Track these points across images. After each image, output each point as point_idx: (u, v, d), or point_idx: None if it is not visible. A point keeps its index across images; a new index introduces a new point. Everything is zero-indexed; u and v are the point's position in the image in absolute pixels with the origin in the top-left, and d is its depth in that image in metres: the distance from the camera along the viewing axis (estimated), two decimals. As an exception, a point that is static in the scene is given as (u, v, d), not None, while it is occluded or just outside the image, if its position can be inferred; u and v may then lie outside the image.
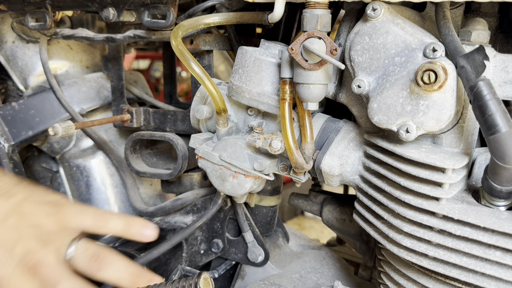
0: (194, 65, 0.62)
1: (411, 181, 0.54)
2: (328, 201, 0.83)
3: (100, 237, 0.83)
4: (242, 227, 0.84)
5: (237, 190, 0.68)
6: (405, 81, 0.51)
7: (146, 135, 0.88)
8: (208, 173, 0.70)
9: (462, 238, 0.50)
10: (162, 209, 0.88)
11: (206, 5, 0.72)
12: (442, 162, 0.51)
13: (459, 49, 0.50)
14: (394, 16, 0.54)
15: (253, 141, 0.62)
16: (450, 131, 0.57)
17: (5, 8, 0.89)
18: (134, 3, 0.74)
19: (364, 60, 0.55)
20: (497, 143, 0.46)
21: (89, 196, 1.03)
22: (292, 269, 0.85)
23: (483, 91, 0.47)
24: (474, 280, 0.50)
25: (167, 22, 0.72)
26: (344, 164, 0.62)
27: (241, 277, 0.88)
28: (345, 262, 0.90)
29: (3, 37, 1.02)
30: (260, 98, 0.63)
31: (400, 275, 0.59)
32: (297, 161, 0.60)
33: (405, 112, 0.52)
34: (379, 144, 0.58)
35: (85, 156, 1.03)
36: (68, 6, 0.83)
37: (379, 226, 0.58)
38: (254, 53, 0.63)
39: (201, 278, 0.66)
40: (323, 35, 0.53)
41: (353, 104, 0.64)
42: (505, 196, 0.50)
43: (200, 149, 0.70)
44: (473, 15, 0.62)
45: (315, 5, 0.54)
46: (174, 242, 0.78)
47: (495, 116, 0.46)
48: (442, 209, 0.51)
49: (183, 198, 0.87)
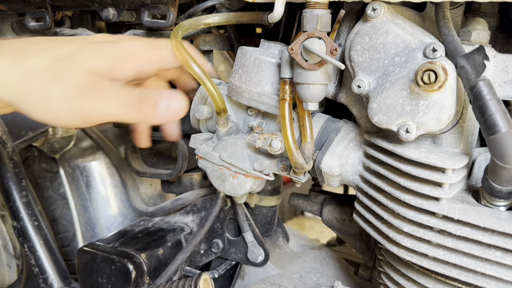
0: (194, 65, 0.62)
1: (411, 181, 0.54)
2: (328, 201, 0.83)
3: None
4: (242, 227, 0.84)
5: (237, 190, 0.68)
6: (405, 81, 0.51)
7: (146, 135, 0.88)
8: (208, 173, 0.70)
9: (462, 238, 0.50)
10: (162, 209, 0.89)
11: (206, 5, 0.72)
12: (442, 162, 0.51)
13: (459, 49, 0.50)
14: (394, 16, 0.54)
15: (253, 141, 0.62)
16: (450, 131, 0.57)
17: (5, 8, 0.89)
18: (134, 3, 0.74)
19: (364, 60, 0.55)
20: (497, 143, 0.46)
21: (89, 196, 1.03)
22: (292, 269, 0.85)
23: (483, 91, 0.47)
24: (474, 280, 0.50)
25: (167, 22, 0.72)
26: (344, 164, 0.62)
27: (241, 277, 0.88)
28: (345, 262, 0.90)
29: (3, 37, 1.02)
30: (260, 98, 0.63)
31: (400, 275, 0.59)
32: (297, 161, 0.60)
33: (405, 112, 0.52)
34: (379, 144, 0.58)
35: (85, 156, 1.03)
36: (68, 6, 0.83)
37: (379, 226, 0.58)
38: (254, 53, 0.63)
39: (201, 278, 0.66)
40: (323, 35, 0.53)
41: (353, 104, 0.64)
42: (505, 196, 0.50)
43: (200, 149, 0.70)
44: (473, 15, 0.62)
45: (315, 5, 0.54)
46: (189, 249, 0.79)
47: (495, 116, 0.46)
48: (442, 209, 0.51)
49: (183, 198, 0.87)
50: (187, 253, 0.79)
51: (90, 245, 0.79)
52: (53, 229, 1.06)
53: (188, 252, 0.79)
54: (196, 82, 0.71)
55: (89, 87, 0.54)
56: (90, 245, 0.79)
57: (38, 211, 0.93)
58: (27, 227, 0.90)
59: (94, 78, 0.54)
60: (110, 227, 1.06)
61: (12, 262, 1.10)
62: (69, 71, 0.53)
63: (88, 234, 1.06)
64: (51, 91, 0.53)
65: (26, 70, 0.53)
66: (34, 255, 0.90)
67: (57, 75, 0.53)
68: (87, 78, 0.53)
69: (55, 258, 0.91)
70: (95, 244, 0.79)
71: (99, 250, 0.76)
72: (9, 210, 0.92)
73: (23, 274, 0.93)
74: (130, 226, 0.88)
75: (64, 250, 1.07)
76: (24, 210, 0.91)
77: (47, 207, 1.07)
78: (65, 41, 0.58)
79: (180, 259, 0.78)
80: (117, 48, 0.58)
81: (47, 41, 0.58)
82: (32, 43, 0.56)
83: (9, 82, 0.53)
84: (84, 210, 1.06)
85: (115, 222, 1.07)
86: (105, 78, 0.55)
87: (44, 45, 0.56)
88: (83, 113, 0.54)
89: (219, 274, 0.89)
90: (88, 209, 1.06)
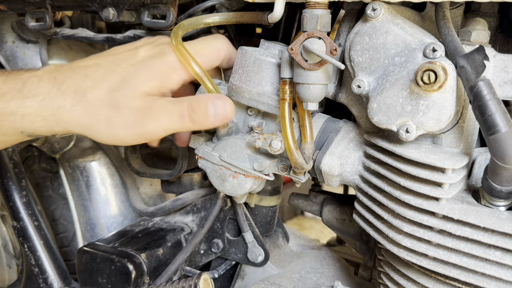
0: (194, 65, 0.62)
1: (411, 181, 0.54)
2: (328, 201, 0.83)
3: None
4: (242, 227, 0.84)
5: (237, 190, 0.68)
6: (405, 81, 0.51)
7: (146, 135, 0.88)
8: (208, 173, 0.70)
9: (462, 238, 0.50)
10: (162, 209, 0.89)
11: (206, 5, 0.72)
12: (442, 162, 0.51)
13: (459, 49, 0.50)
14: (394, 16, 0.54)
15: (253, 141, 0.62)
16: (450, 131, 0.57)
17: (5, 8, 0.89)
18: (134, 3, 0.74)
19: (364, 60, 0.55)
20: (497, 143, 0.46)
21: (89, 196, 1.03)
22: (292, 269, 0.85)
23: (483, 91, 0.47)
24: (474, 280, 0.50)
25: (167, 22, 0.72)
26: (344, 164, 0.62)
27: (241, 277, 0.88)
28: (345, 262, 0.90)
29: (3, 37, 1.02)
30: (260, 98, 0.62)
31: (400, 275, 0.59)
32: (297, 161, 0.60)
33: (405, 112, 0.52)
34: (379, 144, 0.58)
35: (85, 156, 1.03)
36: (68, 6, 0.83)
37: (379, 226, 0.58)
38: (254, 53, 0.63)
39: (201, 278, 0.66)
40: (323, 35, 0.53)
41: (353, 104, 0.64)
42: (505, 196, 0.50)
43: (200, 149, 0.70)
44: (473, 15, 0.62)
45: (315, 5, 0.54)
46: (189, 249, 0.79)
47: (495, 116, 0.46)
48: (442, 209, 0.51)
49: (183, 198, 0.87)
50: (187, 253, 0.79)
51: (90, 245, 0.79)
52: (53, 229, 1.06)
53: (188, 252, 0.79)
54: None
55: (145, 111, 0.61)
56: (90, 245, 0.79)
57: (38, 211, 0.93)
58: (27, 227, 0.90)
59: (147, 100, 0.61)
60: (110, 227, 1.06)
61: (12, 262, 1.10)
62: (125, 100, 0.60)
63: (88, 234, 1.06)
64: (114, 121, 0.61)
65: (88, 105, 0.61)
66: (34, 255, 0.90)
67: (115, 105, 0.60)
68: (141, 102, 0.61)
69: (55, 258, 0.91)
70: (95, 244, 0.79)
71: (99, 250, 0.76)
72: (9, 210, 0.92)
73: (23, 274, 0.93)
74: (130, 226, 0.88)
75: (64, 250, 1.07)
76: (24, 210, 0.91)
77: (47, 207, 1.07)
78: (113, 65, 0.64)
79: (180, 259, 0.78)
80: (161, 65, 0.63)
81: (97, 72, 0.63)
82: (86, 77, 0.62)
83: (76, 120, 0.61)
84: (84, 210, 1.06)
85: (115, 222, 1.07)
86: (156, 95, 0.62)
87: (97, 77, 0.62)
88: (144, 134, 0.62)
89: (219, 274, 0.89)
90: (88, 209, 1.06)
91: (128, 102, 0.60)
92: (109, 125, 0.61)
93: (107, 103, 0.61)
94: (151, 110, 0.61)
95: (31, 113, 0.61)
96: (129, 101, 0.60)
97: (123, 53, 0.66)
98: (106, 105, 0.61)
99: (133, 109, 0.60)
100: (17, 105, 0.61)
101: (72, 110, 0.61)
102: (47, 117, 0.62)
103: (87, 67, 0.64)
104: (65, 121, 0.62)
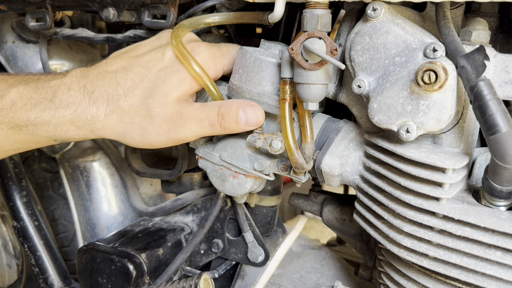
0: (194, 64, 0.62)
1: (411, 181, 0.54)
2: (328, 201, 0.83)
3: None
4: (242, 227, 0.84)
5: (237, 190, 0.68)
6: (405, 81, 0.51)
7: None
8: (208, 173, 0.70)
9: (462, 238, 0.50)
10: (162, 209, 0.89)
11: (206, 5, 0.72)
12: (442, 162, 0.51)
13: (459, 49, 0.50)
14: (395, 16, 0.54)
15: (253, 141, 0.62)
16: (450, 131, 0.57)
17: (5, 8, 0.89)
18: (134, 3, 0.74)
19: (365, 60, 0.55)
20: (498, 143, 0.46)
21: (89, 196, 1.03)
22: (292, 269, 0.85)
23: (483, 91, 0.47)
24: (474, 280, 0.50)
25: (167, 22, 0.72)
26: (344, 164, 0.62)
27: (241, 277, 0.88)
28: (345, 262, 0.90)
29: (3, 37, 1.02)
30: (260, 98, 0.62)
31: (400, 275, 0.59)
32: (297, 161, 0.60)
33: (405, 112, 0.52)
34: (379, 144, 0.58)
35: (85, 156, 1.03)
36: (68, 6, 0.83)
37: (379, 226, 0.58)
38: (254, 53, 0.63)
39: (201, 278, 0.66)
40: (323, 35, 0.53)
41: (353, 104, 0.64)
42: (505, 196, 0.50)
43: (200, 149, 0.70)
44: (473, 15, 0.62)
45: (315, 5, 0.54)
46: (189, 249, 0.79)
47: (495, 116, 0.46)
48: (442, 209, 0.51)
49: (183, 198, 0.87)
50: (187, 253, 0.79)
51: (90, 245, 0.79)
52: (53, 229, 1.06)
53: (188, 252, 0.79)
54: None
55: (176, 118, 0.62)
56: (90, 245, 0.79)
57: (38, 211, 0.93)
58: (27, 227, 0.90)
59: (178, 108, 0.62)
60: (110, 227, 1.06)
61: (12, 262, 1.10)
62: (157, 107, 0.62)
63: (88, 234, 1.06)
64: (147, 129, 0.63)
65: (122, 114, 0.63)
66: (34, 255, 0.90)
67: (148, 113, 0.62)
68: (172, 110, 0.62)
69: (55, 258, 0.91)
70: (95, 244, 0.79)
71: (99, 250, 0.76)
72: (9, 210, 0.92)
73: (23, 274, 0.93)
74: (130, 226, 0.88)
75: (64, 250, 1.07)
76: (24, 210, 0.91)
77: (47, 207, 1.07)
78: (142, 69, 0.64)
79: (180, 259, 0.78)
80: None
81: (127, 78, 0.64)
82: (117, 85, 0.63)
83: (111, 128, 0.63)
84: (84, 210, 1.06)
85: (115, 222, 1.07)
86: (187, 99, 0.64)
87: (128, 84, 0.63)
88: (175, 140, 0.64)
89: (219, 274, 0.89)
90: (88, 209, 1.06)
91: (160, 110, 0.62)
92: (143, 133, 0.63)
93: (140, 111, 0.62)
94: (182, 118, 0.62)
95: (65, 123, 0.62)
96: (161, 109, 0.62)
97: (149, 53, 0.65)
98: (139, 114, 0.62)
99: (165, 118, 0.62)
100: (50, 115, 0.62)
101: (106, 119, 0.62)
102: (81, 127, 0.63)
103: (115, 72, 0.64)
104: (99, 129, 0.63)
